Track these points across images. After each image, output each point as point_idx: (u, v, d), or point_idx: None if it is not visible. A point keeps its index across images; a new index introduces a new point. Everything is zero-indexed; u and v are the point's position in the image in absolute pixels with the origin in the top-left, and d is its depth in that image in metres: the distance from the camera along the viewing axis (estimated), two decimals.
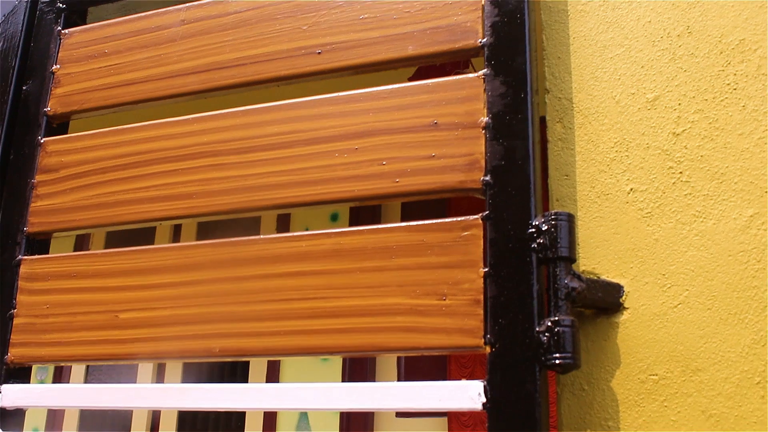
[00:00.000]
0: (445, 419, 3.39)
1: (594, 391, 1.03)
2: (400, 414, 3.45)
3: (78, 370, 3.73)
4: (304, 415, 3.46)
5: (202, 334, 1.13)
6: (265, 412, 3.47)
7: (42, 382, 3.96)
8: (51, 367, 3.89)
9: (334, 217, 3.47)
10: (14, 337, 1.26)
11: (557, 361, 0.95)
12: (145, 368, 3.71)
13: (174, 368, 3.75)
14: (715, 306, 1.01)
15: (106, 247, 3.84)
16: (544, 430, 0.95)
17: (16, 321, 1.27)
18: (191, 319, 1.14)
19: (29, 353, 1.24)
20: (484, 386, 0.98)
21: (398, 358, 3.11)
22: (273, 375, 3.51)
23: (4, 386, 1.24)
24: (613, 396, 1.02)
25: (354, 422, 3.39)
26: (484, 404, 0.98)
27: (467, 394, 0.99)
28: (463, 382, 1.00)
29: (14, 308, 1.27)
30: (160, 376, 3.69)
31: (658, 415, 0.99)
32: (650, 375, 1.01)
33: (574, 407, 1.03)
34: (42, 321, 1.24)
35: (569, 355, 0.96)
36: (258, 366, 3.52)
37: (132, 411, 3.62)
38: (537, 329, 0.98)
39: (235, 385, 1.11)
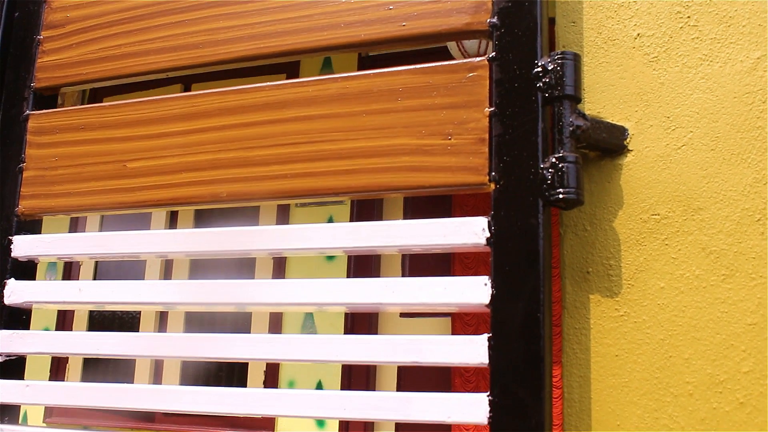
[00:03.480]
0: (449, 320, 3.45)
1: (596, 231, 1.04)
2: (404, 315, 3.51)
3: (87, 269, 3.79)
4: (309, 315, 3.52)
5: (210, 180, 1.14)
6: (271, 313, 3.54)
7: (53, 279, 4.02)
8: (60, 267, 3.95)
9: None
10: (24, 190, 1.27)
11: (561, 196, 0.97)
12: (152, 268, 3.79)
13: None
14: (718, 147, 1.01)
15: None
16: (545, 264, 0.97)
17: (25, 174, 1.28)
18: (199, 166, 1.15)
19: (39, 205, 1.26)
20: (488, 221, 1.00)
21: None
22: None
23: (16, 237, 1.26)
24: (615, 236, 1.03)
25: (358, 323, 3.45)
26: (488, 239, 0.99)
27: (471, 230, 1.01)
28: (468, 219, 1.01)
29: (23, 162, 1.28)
30: (167, 274, 3.76)
31: (658, 253, 1.01)
32: (652, 215, 1.02)
33: (577, 247, 1.05)
34: (51, 173, 1.26)
35: (573, 190, 0.97)
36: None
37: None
38: (541, 166, 0.98)
39: (246, 229, 1.13)
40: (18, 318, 1.25)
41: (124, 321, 3.88)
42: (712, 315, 0.97)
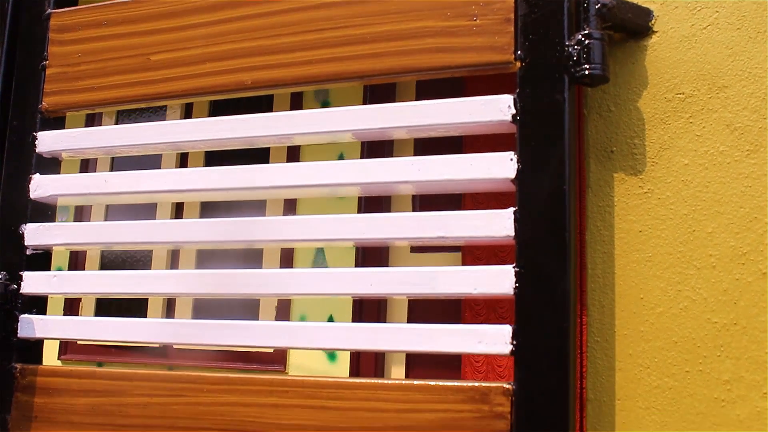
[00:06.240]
0: (458, 254, 3.46)
1: (621, 112, 1.05)
2: (415, 249, 3.52)
3: (98, 210, 3.81)
4: (320, 252, 3.53)
5: (234, 69, 1.15)
6: (282, 249, 3.56)
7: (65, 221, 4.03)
8: (71, 210, 3.97)
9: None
10: (47, 87, 1.28)
11: (586, 72, 0.97)
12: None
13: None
14: (744, 26, 1.01)
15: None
16: (571, 139, 0.97)
17: (48, 71, 1.28)
18: (223, 56, 1.16)
19: (63, 100, 1.26)
20: (514, 99, 1.00)
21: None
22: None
23: (41, 133, 1.27)
24: (640, 115, 1.04)
25: (369, 256, 3.46)
26: (513, 116, 1.00)
27: (497, 107, 1.01)
28: (493, 96, 1.02)
29: (46, 60, 1.29)
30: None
31: (683, 131, 1.02)
32: (677, 94, 1.03)
33: (601, 127, 1.06)
34: (74, 69, 1.26)
35: (598, 66, 0.97)
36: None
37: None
38: (567, 43, 0.99)
39: (259, 116, 1.14)
40: (44, 212, 1.26)
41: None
42: (735, 189, 0.98)
